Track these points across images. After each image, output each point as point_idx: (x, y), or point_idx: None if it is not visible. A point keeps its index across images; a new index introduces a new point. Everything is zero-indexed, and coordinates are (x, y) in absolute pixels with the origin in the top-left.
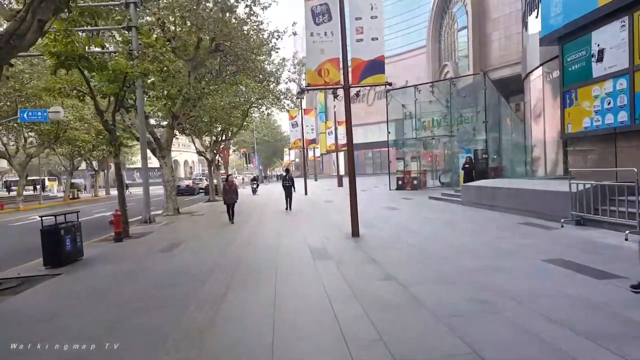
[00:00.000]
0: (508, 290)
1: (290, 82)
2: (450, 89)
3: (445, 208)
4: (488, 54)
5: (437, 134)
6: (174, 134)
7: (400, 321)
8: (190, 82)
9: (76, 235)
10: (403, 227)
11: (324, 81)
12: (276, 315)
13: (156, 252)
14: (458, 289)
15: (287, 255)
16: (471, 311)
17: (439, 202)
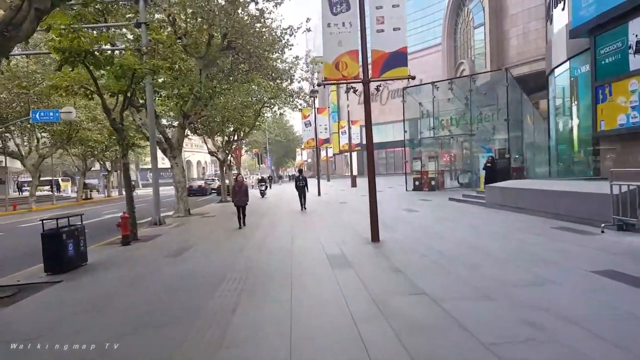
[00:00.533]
0: (561, 310)
1: (303, 81)
2: (470, 86)
3: (467, 210)
4: (505, 51)
5: (455, 133)
6: (185, 134)
7: (438, 347)
8: (202, 80)
9: (79, 239)
10: (425, 230)
11: (342, 75)
12: (293, 335)
13: (163, 257)
14: (500, 307)
15: (302, 263)
16: (521, 337)
17: (460, 204)
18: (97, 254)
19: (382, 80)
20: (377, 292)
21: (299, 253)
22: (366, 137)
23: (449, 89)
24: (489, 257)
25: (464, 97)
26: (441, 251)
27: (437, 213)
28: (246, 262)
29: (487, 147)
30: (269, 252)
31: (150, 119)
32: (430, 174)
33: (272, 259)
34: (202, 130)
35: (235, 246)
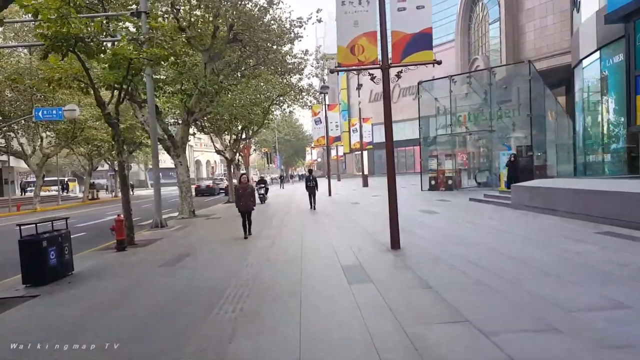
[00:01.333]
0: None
1: (313, 78)
2: (490, 80)
3: (492, 212)
4: (522, 46)
5: (474, 130)
6: (189, 132)
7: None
8: (207, 74)
9: (63, 246)
10: (449, 236)
11: (358, 60)
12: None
13: (158, 267)
14: (573, 344)
15: (313, 276)
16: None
17: (482, 205)
18: (88, 261)
19: (403, 66)
20: (407, 319)
21: (310, 263)
22: (385, 131)
23: (467, 83)
24: (533, 270)
25: (483, 92)
26: (473, 261)
27: (459, 215)
28: (249, 275)
29: (508, 145)
30: (275, 262)
31: (151, 114)
32: (447, 173)
33: (278, 272)
34: (210, 129)
35: (238, 254)
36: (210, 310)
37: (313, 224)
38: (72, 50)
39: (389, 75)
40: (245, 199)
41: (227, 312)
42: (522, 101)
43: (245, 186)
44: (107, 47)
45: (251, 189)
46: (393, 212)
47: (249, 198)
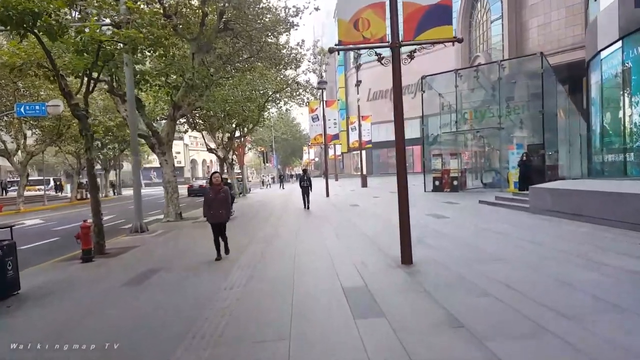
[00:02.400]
0: None
1: (310, 74)
2: (499, 74)
3: (509, 217)
4: (525, 43)
5: (480, 127)
6: (175, 127)
7: None
8: (195, 66)
9: (5, 261)
10: (469, 247)
11: (362, 37)
12: None
13: (121, 286)
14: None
15: (308, 304)
16: None
17: (496, 209)
18: (44, 275)
19: (417, 44)
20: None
21: (304, 284)
22: (395, 124)
23: (475, 77)
24: (593, 300)
25: (491, 87)
26: (512, 286)
27: (473, 221)
28: (227, 302)
29: (518, 143)
30: (262, 281)
31: (130, 107)
32: (452, 173)
33: (264, 297)
34: (203, 126)
35: (218, 269)
36: (171, 354)
37: (309, 229)
38: (30, 29)
39: (400, 55)
40: (217, 206)
41: None
42: (533, 97)
43: (217, 189)
44: (69, 23)
45: (224, 193)
46: (404, 221)
47: (222, 205)
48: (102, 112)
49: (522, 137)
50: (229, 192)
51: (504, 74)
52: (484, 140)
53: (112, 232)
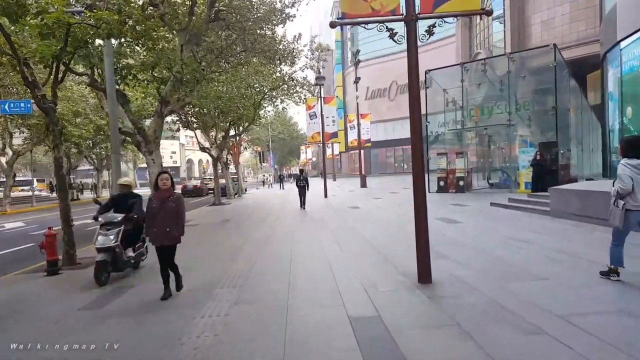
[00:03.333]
0: None
1: (308, 70)
2: (509, 67)
3: (530, 222)
4: (527, 40)
5: (488, 124)
6: (163, 124)
7: None
8: (183, 58)
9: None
10: (494, 260)
11: (371, 8)
12: None
13: (78, 311)
14: None
15: (307, 346)
16: None
17: (511, 212)
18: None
19: (437, 17)
20: None
21: (300, 310)
22: (411, 113)
23: (482, 71)
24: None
25: (499, 82)
26: (562, 315)
27: (490, 226)
28: (202, 337)
29: (530, 141)
30: (249, 305)
31: (110, 100)
32: (458, 173)
33: (248, 340)
34: (197, 125)
35: (196, 288)
36: None
37: (306, 236)
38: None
39: (417, 31)
40: (163, 221)
41: None
42: (544, 92)
43: (164, 196)
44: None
45: (176, 202)
46: (422, 230)
47: (171, 220)
48: (93, 110)
49: (532, 134)
50: (181, 202)
51: (514, 67)
52: (489, 138)
53: (91, 238)
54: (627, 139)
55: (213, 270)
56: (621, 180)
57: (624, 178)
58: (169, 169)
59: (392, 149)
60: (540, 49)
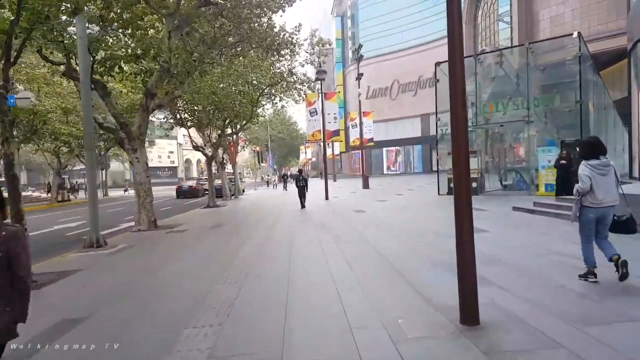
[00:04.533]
0: None
1: (308, 65)
2: (527, 59)
3: (565, 231)
4: (536, 36)
5: (503, 121)
6: (149, 119)
7: None
8: (171, 46)
9: None
10: (547, 285)
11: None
12: None
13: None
14: None
15: None
16: None
17: (538, 218)
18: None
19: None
20: None
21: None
22: (452, 98)
23: (497, 63)
24: None
25: (515, 75)
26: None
27: (523, 236)
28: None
29: (550, 139)
30: (233, 351)
31: (84, 89)
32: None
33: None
34: (191, 122)
35: (169, 321)
36: None
37: (307, 247)
38: None
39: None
40: None
41: None
42: (565, 86)
43: None
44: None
45: (7, 244)
46: (466, 255)
47: None
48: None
49: (549, 132)
50: (20, 245)
51: (532, 59)
52: (500, 136)
53: (63, 246)
54: (586, 140)
55: (190, 296)
56: (581, 179)
57: (583, 178)
58: (166, 169)
59: (394, 149)
60: (564, 38)
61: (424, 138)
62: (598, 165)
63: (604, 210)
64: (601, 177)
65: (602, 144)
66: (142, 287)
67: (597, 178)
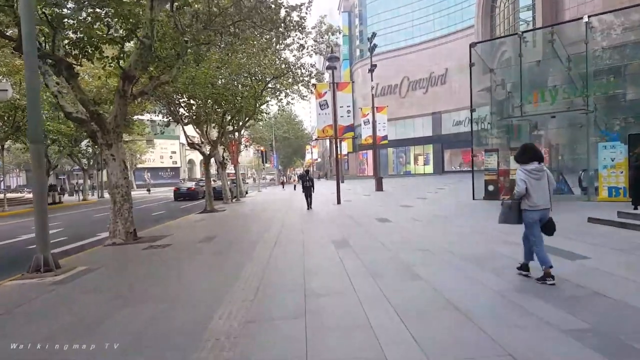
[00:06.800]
0: None
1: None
2: (587, 36)
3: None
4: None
5: (553, 111)
6: (127, 108)
7: None
8: (154, 17)
9: None
10: None
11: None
12: None
13: None
14: None
15: None
16: None
17: (636, 235)
18: None
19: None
20: None
21: None
22: None
23: (550, 41)
24: None
25: (567, 59)
26: None
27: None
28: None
29: (613, 134)
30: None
31: (28, 63)
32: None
33: None
34: (188, 118)
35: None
36: None
37: (333, 291)
38: None
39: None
40: None
41: None
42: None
43: None
44: None
45: None
46: None
47: None
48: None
49: (609, 124)
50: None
51: (592, 35)
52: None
53: (8, 267)
54: (522, 147)
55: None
56: (517, 184)
57: (519, 182)
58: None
59: (403, 149)
60: (632, 9)
61: (436, 137)
62: (533, 171)
63: (542, 213)
64: (536, 182)
65: (537, 150)
66: (97, 334)
67: (532, 182)
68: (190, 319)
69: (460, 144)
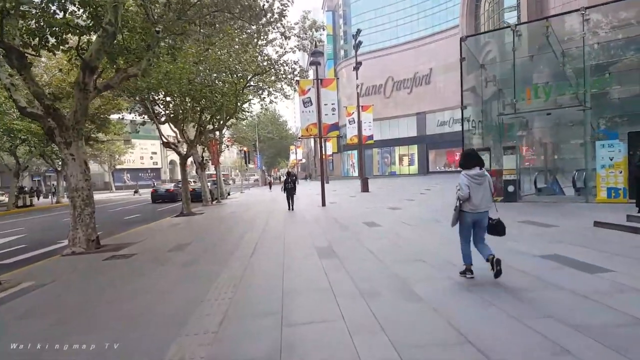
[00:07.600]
0: None
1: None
2: (583, 27)
3: None
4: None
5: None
6: (88, 102)
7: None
8: (118, 1)
9: None
10: None
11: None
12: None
13: None
14: None
15: None
16: None
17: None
18: None
19: None
20: None
21: None
22: None
23: (544, 34)
24: None
25: (561, 54)
26: None
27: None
28: None
29: (612, 132)
30: None
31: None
32: (507, 175)
33: None
34: (168, 117)
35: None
36: None
37: (316, 313)
38: None
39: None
40: None
41: None
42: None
43: None
44: None
45: None
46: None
47: None
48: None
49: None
50: None
51: (587, 27)
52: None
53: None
54: (464, 152)
55: None
56: (460, 188)
57: (462, 186)
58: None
59: (388, 149)
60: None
61: (421, 138)
62: (475, 176)
63: (479, 215)
64: (477, 186)
65: (478, 156)
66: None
67: (473, 186)
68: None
69: (445, 144)
